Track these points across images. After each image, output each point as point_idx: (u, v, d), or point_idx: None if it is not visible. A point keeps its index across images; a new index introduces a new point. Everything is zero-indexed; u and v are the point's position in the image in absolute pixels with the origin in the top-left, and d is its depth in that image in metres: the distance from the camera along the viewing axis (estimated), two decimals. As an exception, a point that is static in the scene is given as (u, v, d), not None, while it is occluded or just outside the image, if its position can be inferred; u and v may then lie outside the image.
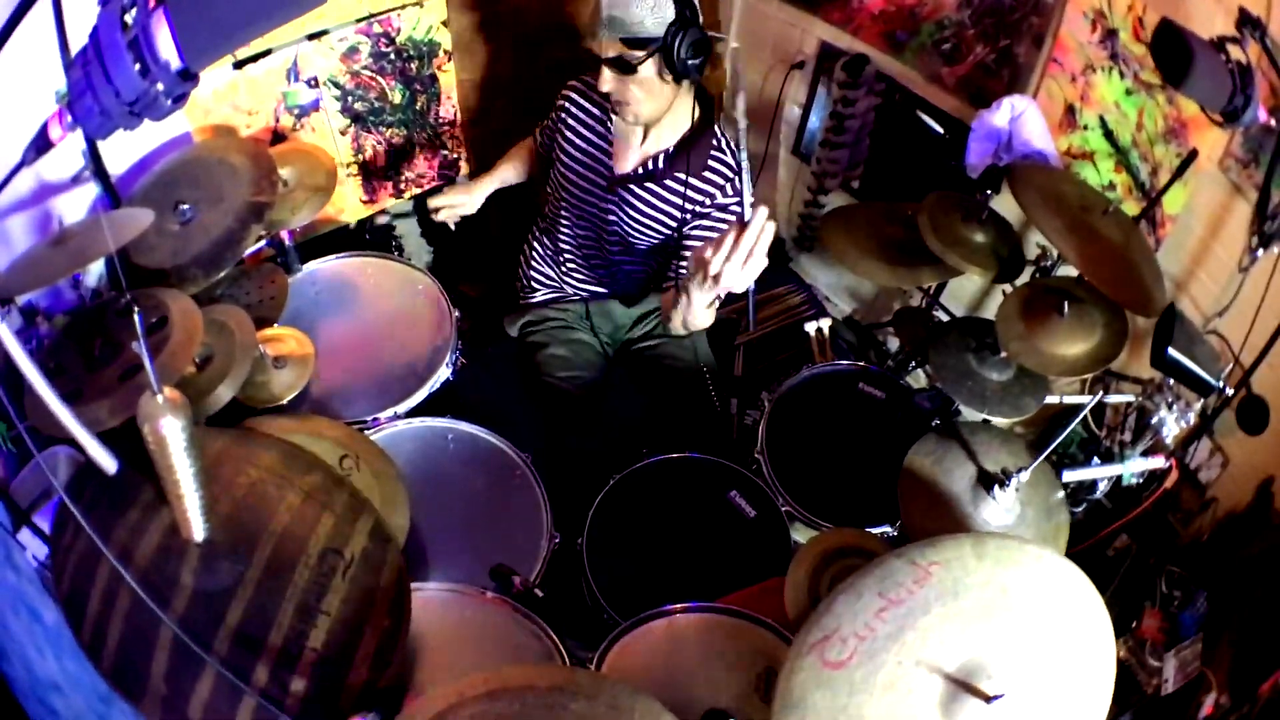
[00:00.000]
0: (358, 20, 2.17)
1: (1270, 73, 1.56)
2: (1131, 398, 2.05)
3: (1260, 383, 1.70)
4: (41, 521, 1.46)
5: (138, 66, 1.07)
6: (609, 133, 2.05)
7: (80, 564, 1.07)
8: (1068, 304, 1.79)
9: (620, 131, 2.03)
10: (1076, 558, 1.20)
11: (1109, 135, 2.05)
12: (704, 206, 1.97)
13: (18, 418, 1.18)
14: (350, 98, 2.29)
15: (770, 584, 1.59)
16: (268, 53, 2.04)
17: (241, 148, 1.86)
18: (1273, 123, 1.63)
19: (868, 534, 1.63)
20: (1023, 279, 2.02)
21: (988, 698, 1.06)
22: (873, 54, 2.47)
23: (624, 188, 2.04)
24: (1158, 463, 1.78)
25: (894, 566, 1.15)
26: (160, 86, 1.09)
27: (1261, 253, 1.72)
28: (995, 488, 1.61)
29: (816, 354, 2.25)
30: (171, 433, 0.94)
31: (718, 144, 1.96)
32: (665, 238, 2.05)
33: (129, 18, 1.07)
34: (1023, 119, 2.01)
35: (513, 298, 2.45)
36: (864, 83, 2.49)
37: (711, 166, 1.95)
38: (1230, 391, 1.74)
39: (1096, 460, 2.13)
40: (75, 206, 1.74)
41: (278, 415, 1.71)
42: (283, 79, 2.13)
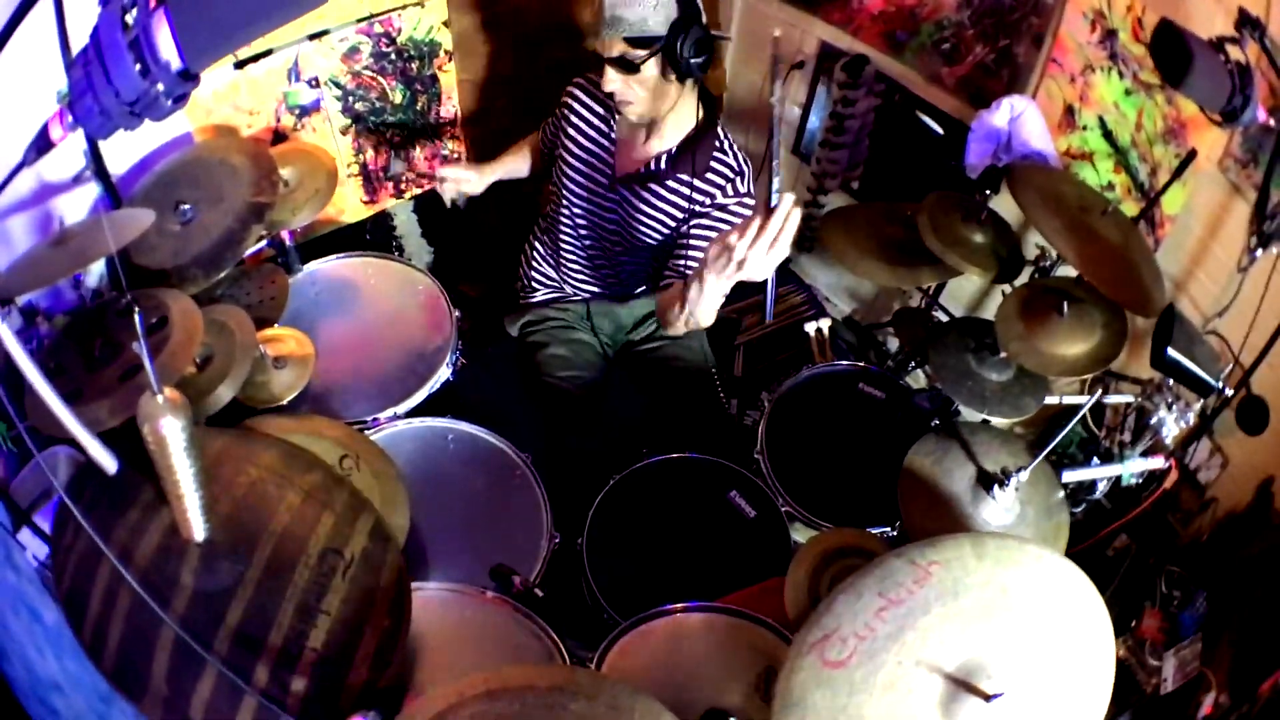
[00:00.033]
0: (358, 20, 2.17)
1: (1269, 73, 1.56)
2: (1131, 398, 2.05)
3: (1260, 383, 1.70)
4: (41, 521, 1.46)
5: (138, 67, 1.07)
6: (612, 131, 2.05)
7: (81, 564, 1.07)
8: (1067, 304, 1.79)
9: (623, 130, 2.04)
10: (1076, 558, 1.20)
11: (1108, 135, 2.05)
12: (703, 206, 1.97)
13: (18, 418, 1.18)
14: (351, 98, 2.29)
15: (770, 584, 1.59)
16: (268, 53, 2.05)
17: (242, 148, 1.86)
18: (1272, 123, 1.63)
19: (868, 534, 1.63)
20: (1022, 279, 2.02)
21: (987, 697, 1.06)
22: (872, 54, 2.47)
23: (626, 187, 2.04)
24: (1157, 463, 1.78)
25: (894, 566, 1.15)
26: (161, 87, 1.09)
27: (1260, 253, 1.72)
28: (995, 488, 1.62)
29: (816, 354, 2.25)
30: (171, 433, 0.94)
31: (720, 144, 1.96)
32: (666, 237, 2.05)
33: (129, 18, 1.08)
34: (1022, 119, 2.01)
35: (513, 298, 2.45)
36: (864, 83, 2.49)
37: (714, 168, 1.95)
38: (1230, 392, 1.74)
39: (1096, 460, 2.13)
40: (76, 206, 1.74)
41: (278, 415, 1.71)
42: (284, 79, 2.13)
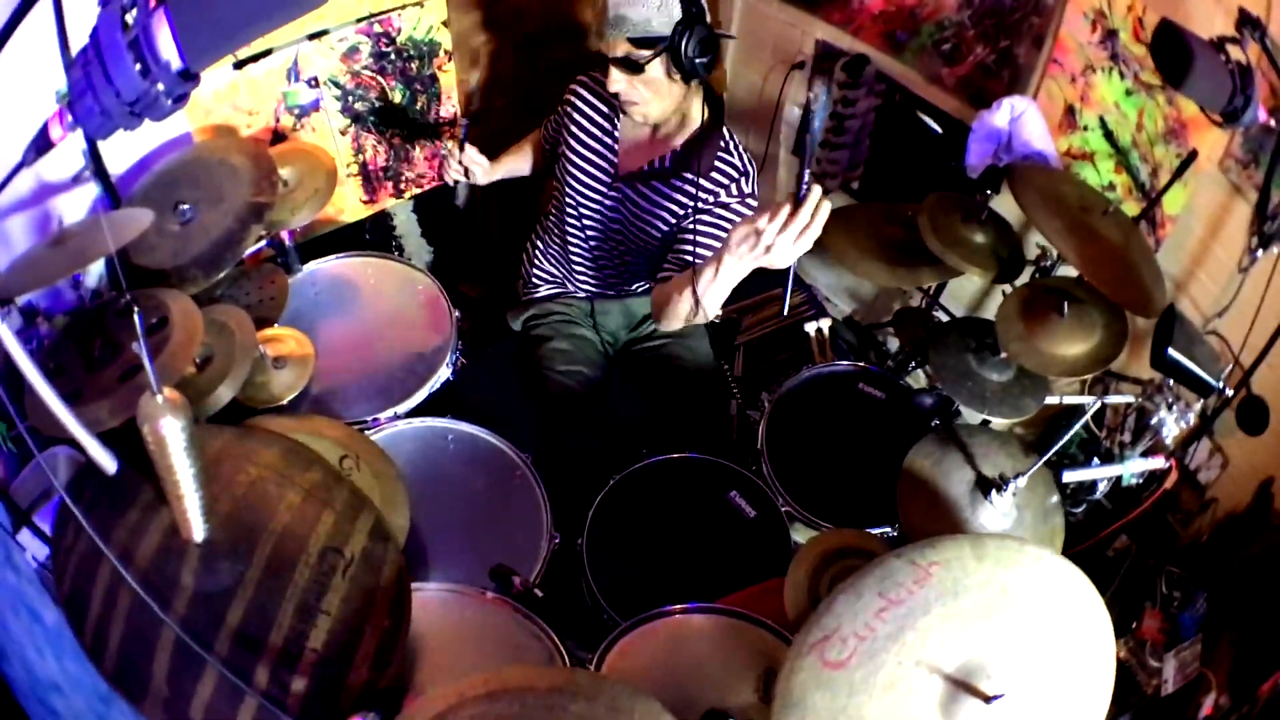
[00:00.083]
0: (358, 20, 2.17)
1: (1270, 73, 1.56)
2: (1131, 398, 2.05)
3: (1260, 383, 1.70)
4: (41, 522, 1.46)
5: (138, 66, 1.07)
6: (615, 130, 2.05)
7: (81, 566, 1.07)
8: (1067, 304, 1.79)
9: (627, 129, 2.03)
10: (1076, 558, 1.20)
11: (1109, 136, 2.05)
12: (705, 204, 1.97)
13: (18, 418, 1.18)
14: (350, 98, 2.29)
15: (770, 584, 1.59)
16: (268, 53, 2.04)
17: (242, 148, 1.86)
18: (1272, 123, 1.63)
19: (868, 534, 1.63)
20: (1022, 279, 2.02)
21: (987, 698, 1.06)
22: (873, 54, 2.47)
23: (630, 185, 2.04)
24: (1157, 463, 1.78)
25: (894, 567, 1.15)
26: (161, 86, 1.09)
27: (1261, 253, 1.72)
28: (993, 492, 1.61)
29: (816, 354, 2.25)
30: (171, 433, 0.94)
31: (726, 144, 1.96)
32: (670, 235, 2.05)
33: (129, 18, 1.07)
34: (1023, 120, 2.01)
35: (514, 297, 2.44)
36: (864, 83, 2.49)
37: (719, 167, 1.95)
38: (1230, 392, 1.74)
39: (1096, 461, 2.13)
40: (75, 207, 1.74)
41: (277, 416, 1.71)
42: (283, 79, 2.12)
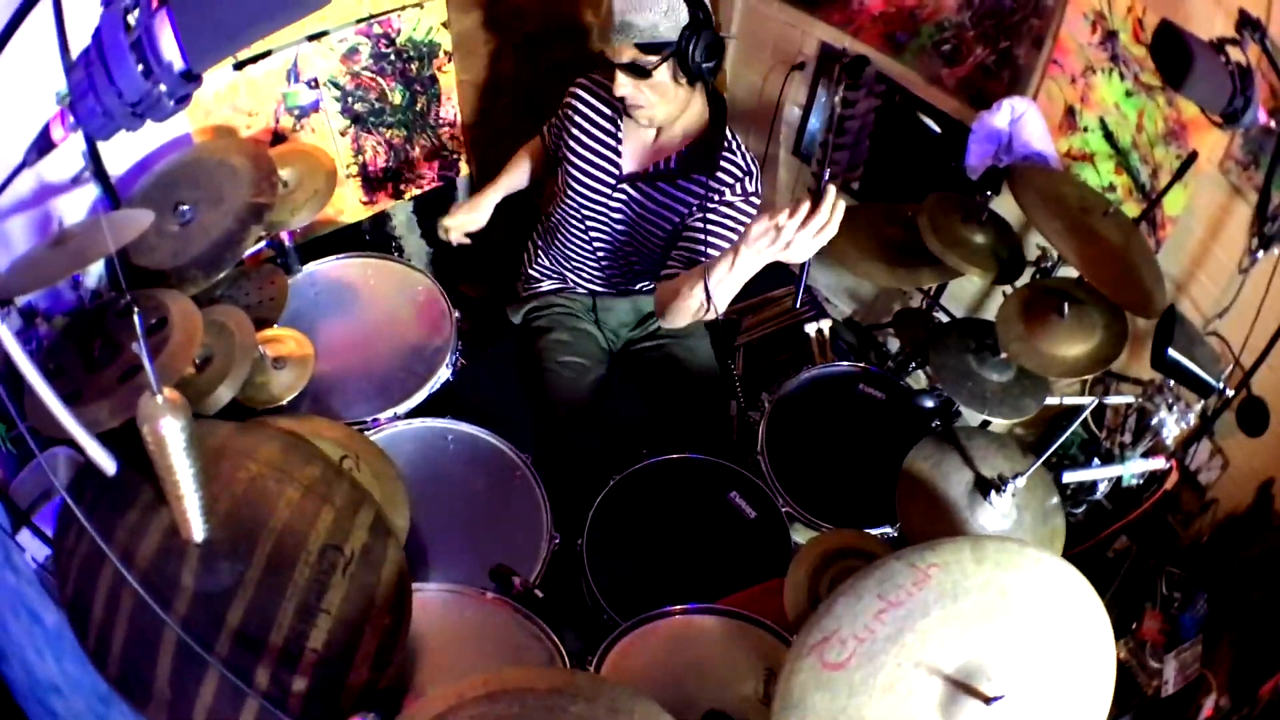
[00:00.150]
0: (358, 21, 2.17)
1: (1270, 74, 1.56)
2: (1131, 399, 2.05)
3: (1260, 384, 1.70)
4: (41, 523, 1.46)
5: (140, 67, 1.07)
6: (618, 130, 2.04)
7: (83, 568, 1.07)
8: (1068, 305, 1.79)
9: (630, 130, 2.03)
10: (1076, 559, 1.20)
11: (1109, 137, 2.05)
12: (709, 204, 1.96)
13: (18, 418, 1.18)
14: (350, 99, 2.29)
15: (770, 585, 1.59)
16: (268, 54, 2.04)
17: (241, 149, 1.86)
18: (1273, 124, 1.63)
19: (868, 535, 1.63)
20: (1023, 280, 2.02)
21: (987, 699, 1.06)
22: (873, 55, 2.47)
23: (633, 186, 2.04)
24: (1158, 464, 1.78)
25: (894, 568, 1.15)
26: (163, 87, 1.09)
27: (1261, 254, 1.72)
28: (992, 493, 1.61)
29: (817, 355, 2.25)
30: (171, 433, 0.94)
31: (729, 145, 1.96)
32: (673, 236, 2.06)
33: (132, 18, 1.08)
34: (1023, 120, 2.01)
35: (514, 297, 2.44)
36: (864, 84, 2.49)
37: (724, 167, 1.95)
38: (1230, 393, 1.74)
39: (1096, 461, 2.13)
40: (75, 207, 1.74)
41: (277, 416, 1.71)
42: (283, 80, 2.13)
